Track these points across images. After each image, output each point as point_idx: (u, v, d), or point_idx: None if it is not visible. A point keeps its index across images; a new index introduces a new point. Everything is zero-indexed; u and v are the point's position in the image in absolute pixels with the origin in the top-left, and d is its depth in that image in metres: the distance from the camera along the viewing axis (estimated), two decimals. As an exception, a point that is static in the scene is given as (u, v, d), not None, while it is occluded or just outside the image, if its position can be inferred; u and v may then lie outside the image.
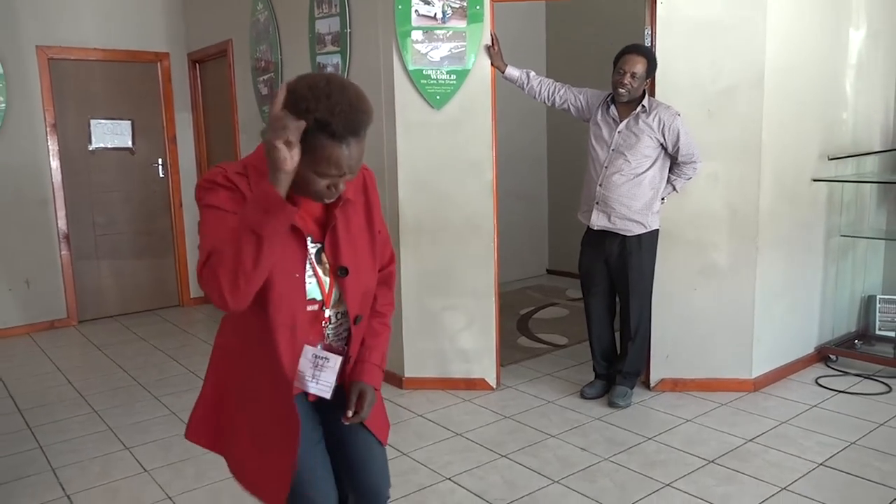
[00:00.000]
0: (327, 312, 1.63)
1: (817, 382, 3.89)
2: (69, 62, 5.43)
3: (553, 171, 6.76)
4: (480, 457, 3.12)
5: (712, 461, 3.02)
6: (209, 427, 1.73)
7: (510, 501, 2.70)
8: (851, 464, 2.96)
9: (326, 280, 1.60)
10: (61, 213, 5.47)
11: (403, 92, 3.71)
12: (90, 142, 5.60)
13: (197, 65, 5.90)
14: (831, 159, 4.00)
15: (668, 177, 3.56)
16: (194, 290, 6.17)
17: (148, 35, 5.74)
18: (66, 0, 5.35)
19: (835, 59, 4.04)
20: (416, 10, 3.61)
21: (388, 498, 1.81)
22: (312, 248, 1.58)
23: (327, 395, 1.63)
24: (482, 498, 2.76)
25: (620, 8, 5.45)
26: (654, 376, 3.84)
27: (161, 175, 5.95)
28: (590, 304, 3.74)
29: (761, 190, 3.64)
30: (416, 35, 3.63)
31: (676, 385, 3.81)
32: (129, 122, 5.74)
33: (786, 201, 3.83)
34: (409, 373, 3.97)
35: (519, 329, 5.12)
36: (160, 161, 5.93)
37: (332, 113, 1.36)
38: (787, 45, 3.63)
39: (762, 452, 3.09)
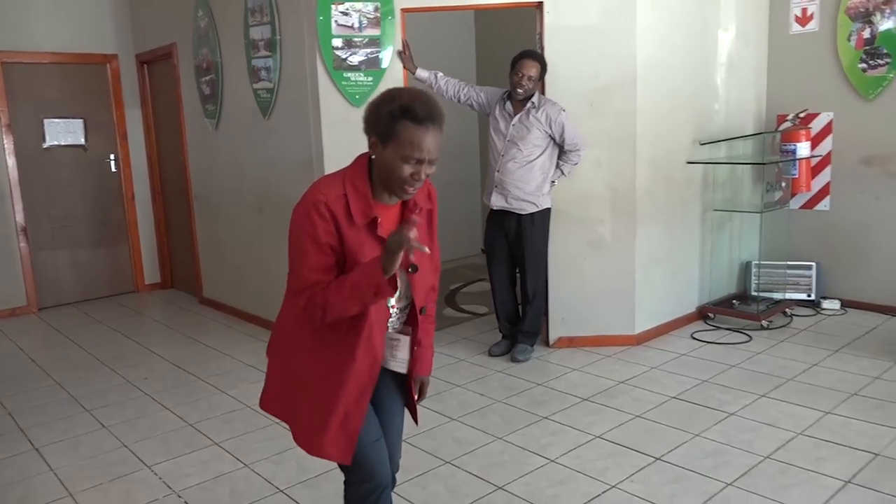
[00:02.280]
0: (391, 302, 1.86)
1: (692, 336, 4.53)
2: (22, 65, 5.79)
3: (485, 158, 7.32)
4: (395, 404, 3.67)
5: (586, 399, 3.63)
6: (277, 398, 1.92)
7: (412, 435, 3.25)
8: (698, 395, 3.59)
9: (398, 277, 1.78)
10: (18, 208, 5.84)
11: (327, 92, 4.22)
12: (44, 140, 5.97)
13: (145, 65, 6.30)
14: (702, 144, 4.63)
15: (557, 163, 4.14)
16: (149, 276, 6.60)
17: (97, 38, 6.12)
18: (18, 7, 5.70)
19: (705, 58, 4.65)
20: (336, 21, 4.12)
21: (398, 468, 2.06)
22: None
23: (404, 369, 1.93)
24: (391, 433, 3.32)
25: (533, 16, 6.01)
26: (553, 335, 4.44)
27: (114, 170, 6.35)
28: (493, 273, 4.32)
29: (637, 173, 4.25)
30: (337, 42, 4.14)
31: (571, 342, 4.42)
32: (82, 120, 6.13)
33: (662, 182, 4.44)
34: (340, 340, 4.50)
35: (446, 301, 5.69)
36: (112, 157, 6.33)
37: (413, 99, 1.67)
38: (656, 47, 4.23)
39: (629, 391, 3.70)
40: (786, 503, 2.57)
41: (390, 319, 1.88)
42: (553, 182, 4.18)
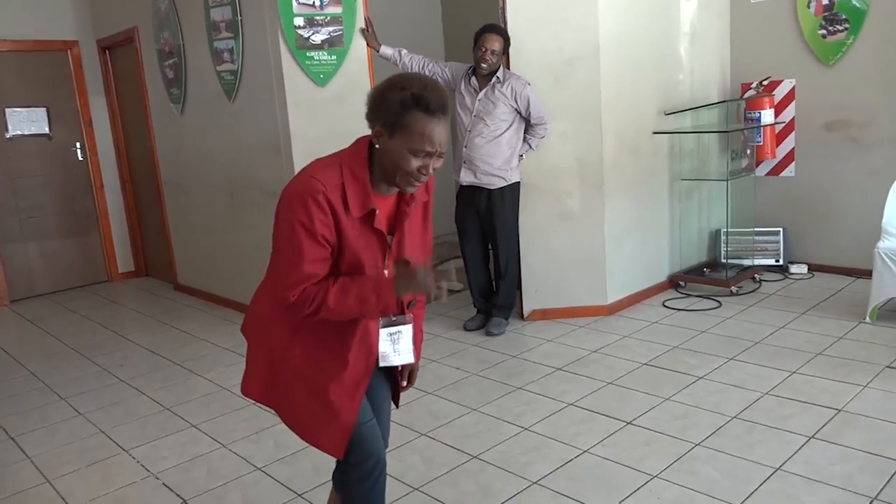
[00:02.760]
0: None
1: (664, 304, 4.61)
2: (-20, 54, 5.67)
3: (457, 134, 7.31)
4: (371, 381, 3.71)
5: (559, 368, 3.69)
6: (262, 385, 1.83)
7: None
8: (668, 361, 3.66)
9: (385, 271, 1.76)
10: (-16, 200, 5.76)
11: (291, 72, 4.19)
12: (7, 130, 5.87)
13: (107, 51, 6.19)
14: (667, 114, 4.67)
15: (524, 136, 4.16)
16: (122, 264, 6.55)
17: (56, 24, 6.00)
18: (-29, -6, 5.58)
19: (668, 28, 4.69)
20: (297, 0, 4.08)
21: (387, 443, 2.00)
22: None
23: (410, 359, 1.85)
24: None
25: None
26: (527, 308, 4.49)
27: (80, 158, 6.27)
28: (465, 249, 4.35)
29: (604, 145, 4.29)
30: (298, 21, 4.10)
31: (545, 314, 4.47)
32: (45, 109, 6.03)
33: (628, 153, 4.48)
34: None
35: (422, 280, 5.71)
36: (78, 145, 6.24)
37: (424, 88, 1.56)
38: (618, 20, 4.25)
39: (601, 359, 3.77)
40: (752, 460, 2.64)
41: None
42: (521, 156, 4.20)
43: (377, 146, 1.63)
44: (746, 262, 5.08)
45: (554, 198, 4.34)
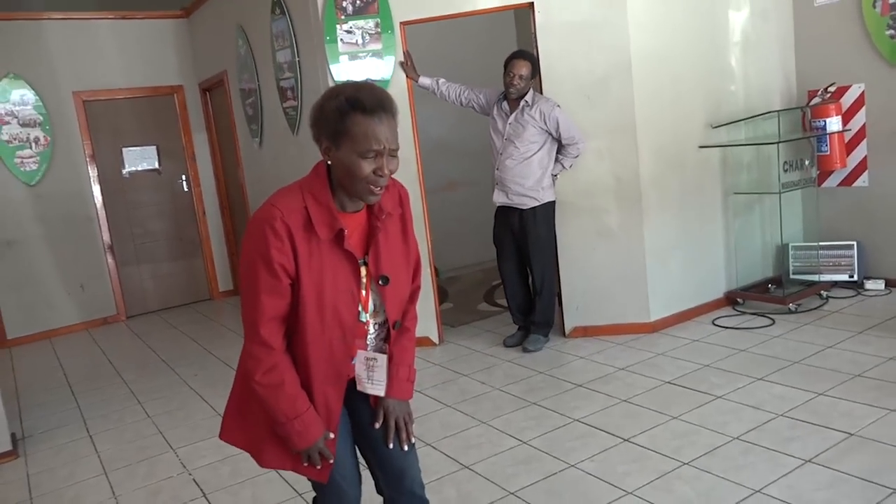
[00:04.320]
0: (364, 318, 1.73)
1: (713, 322, 4.47)
2: (100, 102, 6.53)
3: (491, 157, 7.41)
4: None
5: (580, 385, 3.72)
6: (238, 429, 1.83)
7: (405, 420, 3.48)
8: (692, 380, 3.59)
9: (364, 291, 1.71)
10: (104, 228, 6.58)
11: (339, 106, 4.53)
12: (123, 166, 6.69)
13: (206, 92, 6.90)
14: (714, 127, 4.56)
15: (557, 157, 4.24)
16: (222, 283, 7.21)
17: (164, 72, 6.78)
18: (94, 50, 6.43)
19: (714, 39, 4.58)
20: (342, 40, 4.43)
21: (421, 484, 1.93)
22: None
23: (381, 392, 1.78)
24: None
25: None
26: (568, 325, 4.52)
27: (185, 189, 7.01)
28: (502, 267, 4.47)
29: (640, 161, 4.27)
30: (344, 59, 4.44)
31: (587, 331, 4.49)
32: (155, 146, 6.81)
33: (671, 168, 4.42)
34: (367, 336, 4.80)
35: (484, 297, 5.87)
36: (184, 177, 6.99)
37: (358, 90, 1.56)
38: (653, 35, 4.24)
39: (625, 377, 3.76)
40: (735, 481, 2.59)
41: (368, 336, 1.78)
42: (554, 175, 4.28)
43: (329, 162, 1.61)
44: (817, 278, 4.81)
45: (592, 216, 4.37)
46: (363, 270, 1.70)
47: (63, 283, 6.44)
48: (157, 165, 6.85)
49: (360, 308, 1.71)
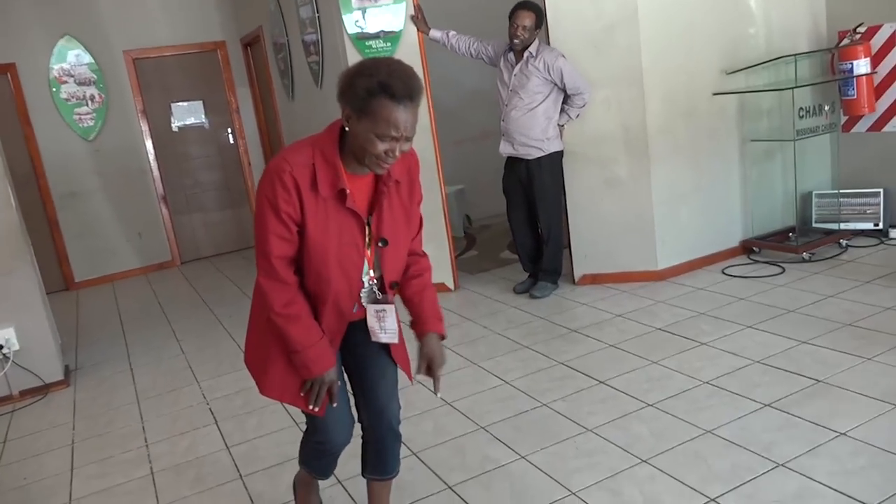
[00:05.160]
0: (368, 272, 1.85)
1: (723, 271, 4.48)
2: (149, 60, 6.89)
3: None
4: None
5: (574, 330, 3.86)
6: (250, 357, 2.01)
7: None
8: (683, 327, 3.67)
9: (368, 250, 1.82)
10: (158, 180, 7.03)
11: (354, 58, 4.68)
12: (172, 121, 7.08)
13: (248, 48, 7.16)
14: (728, 74, 4.47)
15: (563, 107, 4.28)
16: (268, 232, 7.59)
17: (207, 28, 7.06)
18: (141, 11, 6.76)
19: (732, -19, 4.45)
20: (355, -5, 4.55)
21: (398, 420, 2.09)
22: None
23: (395, 340, 1.94)
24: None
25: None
26: (577, 272, 4.63)
27: (231, 142, 7.36)
28: (511, 216, 4.59)
29: (647, 110, 4.26)
30: (357, 14, 4.57)
31: (595, 279, 4.59)
32: (201, 101, 7.16)
33: (681, 117, 4.39)
34: (387, 282, 5.04)
35: (508, 246, 6.00)
36: (229, 130, 7.33)
37: (391, 76, 1.59)
38: (661, -20, 4.17)
39: (620, 323, 3.87)
40: (689, 422, 2.71)
41: (363, 290, 1.88)
42: (561, 126, 4.33)
43: (347, 128, 1.69)
44: (836, 227, 4.72)
45: (600, 165, 4.42)
46: (367, 230, 1.80)
47: (122, 231, 6.95)
48: (203, 119, 7.21)
49: (365, 263, 1.82)
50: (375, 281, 1.88)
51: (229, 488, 2.75)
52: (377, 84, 1.58)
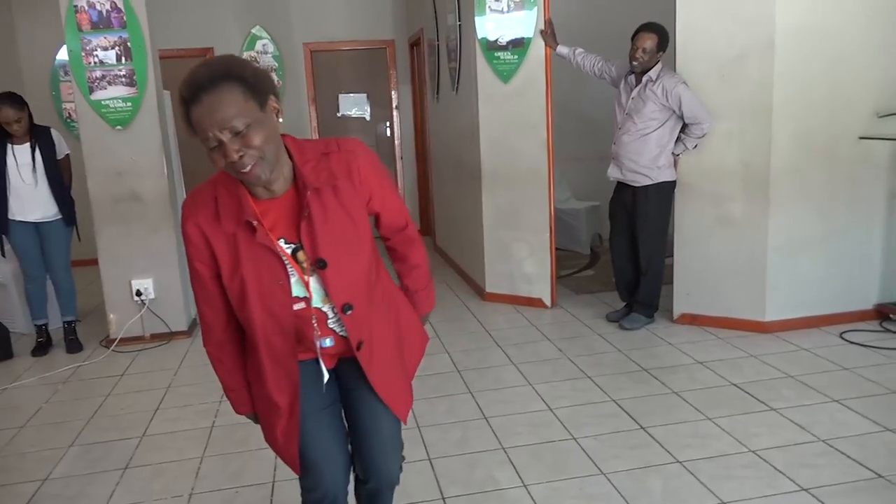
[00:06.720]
0: (318, 306, 1.60)
1: (842, 335, 4.02)
2: (324, 52, 7.50)
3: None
4: (482, 342, 4.23)
5: (645, 369, 3.69)
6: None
7: (471, 369, 3.81)
8: (761, 388, 3.37)
9: (308, 277, 1.57)
10: (318, 163, 7.65)
11: (483, 70, 4.80)
12: (338, 111, 7.66)
13: (414, 48, 7.54)
14: (880, 117, 3.98)
15: (680, 136, 4.09)
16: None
17: (380, 26, 7.54)
18: (324, 7, 7.39)
19: (890, 16, 3.93)
20: (489, 6, 4.66)
21: (395, 476, 1.83)
22: (288, 249, 1.55)
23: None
24: (454, 363, 3.91)
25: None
26: (676, 310, 4.40)
27: (388, 135, 7.81)
28: (613, 241, 4.46)
29: (773, 148, 3.93)
30: (490, 24, 4.68)
31: (695, 319, 4.33)
32: (365, 94, 7.67)
33: (816, 158, 3.99)
34: (489, 288, 5.13)
35: (629, 270, 5.81)
36: (387, 124, 7.78)
37: (184, 83, 1.39)
38: (808, 9, 3.81)
39: (697, 370, 3.64)
40: (711, 489, 2.53)
41: (329, 321, 1.63)
42: (676, 155, 4.13)
43: None
44: None
45: (714, 200, 4.15)
46: (301, 255, 1.55)
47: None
48: (366, 111, 7.72)
49: (305, 295, 1.58)
50: (329, 314, 1.62)
51: (266, 453, 3.02)
52: (179, 97, 1.39)
